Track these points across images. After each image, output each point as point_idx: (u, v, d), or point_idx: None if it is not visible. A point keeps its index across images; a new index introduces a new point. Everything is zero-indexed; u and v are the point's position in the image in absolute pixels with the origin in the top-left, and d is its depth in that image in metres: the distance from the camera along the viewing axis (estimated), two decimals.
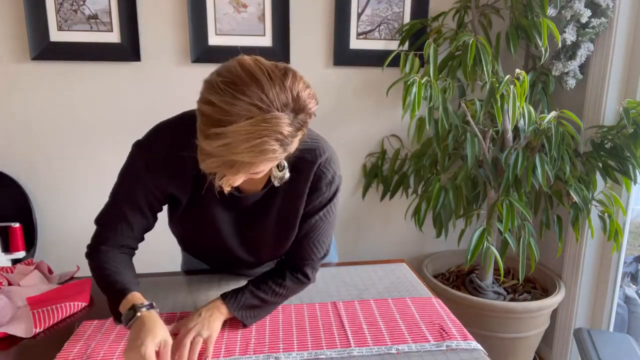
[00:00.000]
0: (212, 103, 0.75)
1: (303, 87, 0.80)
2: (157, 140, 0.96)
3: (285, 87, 0.77)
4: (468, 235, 1.79)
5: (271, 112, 0.75)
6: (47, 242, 1.99)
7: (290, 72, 0.80)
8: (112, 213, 1.01)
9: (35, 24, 1.79)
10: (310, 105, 0.82)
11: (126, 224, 0.99)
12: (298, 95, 0.79)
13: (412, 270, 1.29)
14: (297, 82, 0.79)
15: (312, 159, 0.99)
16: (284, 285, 1.03)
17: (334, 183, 1.03)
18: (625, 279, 2.14)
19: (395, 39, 2.03)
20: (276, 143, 0.76)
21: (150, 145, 0.97)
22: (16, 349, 0.93)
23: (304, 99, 0.80)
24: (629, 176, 1.68)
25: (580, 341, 1.32)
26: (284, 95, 0.77)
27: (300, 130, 0.82)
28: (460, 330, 0.99)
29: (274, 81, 0.76)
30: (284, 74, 0.79)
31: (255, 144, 0.75)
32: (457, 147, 1.88)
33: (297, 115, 0.79)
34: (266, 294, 1.01)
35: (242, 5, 1.90)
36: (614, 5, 1.73)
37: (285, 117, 0.77)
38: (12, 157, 1.92)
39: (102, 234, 1.01)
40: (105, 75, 1.91)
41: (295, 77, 0.80)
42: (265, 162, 0.80)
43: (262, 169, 0.83)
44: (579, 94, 1.92)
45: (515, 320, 1.84)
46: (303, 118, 0.81)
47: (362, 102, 2.08)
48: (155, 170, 0.95)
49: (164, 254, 2.10)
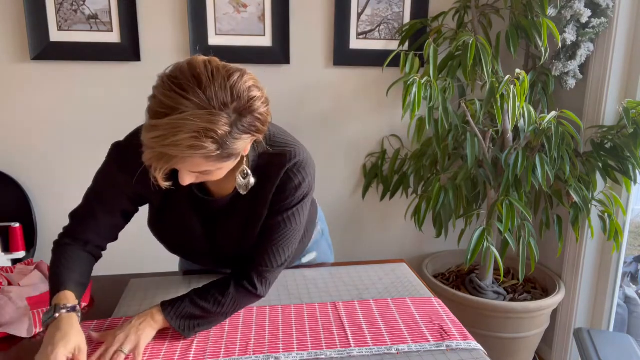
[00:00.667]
0: (154, 96, 0.78)
1: (250, 88, 0.79)
2: (132, 142, 0.94)
3: (226, 87, 0.76)
4: (468, 235, 1.79)
5: (207, 109, 0.74)
6: (47, 242, 1.98)
7: (237, 73, 0.79)
8: (83, 209, 1.03)
9: (35, 24, 1.79)
10: (257, 106, 0.80)
11: (94, 221, 1.01)
12: (240, 96, 0.77)
13: (412, 270, 1.29)
14: (243, 83, 0.78)
15: (280, 163, 0.96)
16: (227, 294, 0.95)
17: (301, 188, 0.97)
18: (625, 279, 2.14)
19: (395, 39, 2.03)
20: (208, 140, 0.75)
21: (125, 146, 0.97)
22: (16, 349, 0.93)
23: (248, 100, 0.78)
24: (629, 176, 1.68)
25: (580, 341, 1.32)
26: (223, 94, 0.76)
27: (249, 133, 0.80)
28: (460, 330, 0.99)
29: (215, 80, 0.76)
30: (229, 74, 0.78)
31: (184, 138, 0.74)
32: (457, 147, 1.88)
33: (241, 117, 0.78)
34: (208, 302, 0.94)
35: (242, 5, 1.90)
36: (614, 5, 1.73)
37: (223, 116, 0.75)
38: (12, 157, 1.92)
39: (70, 228, 1.03)
40: (105, 75, 1.91)
41: (243, 78, 0.79)
42: (200, 158, 0.78)
43: (201, 166, 0.81)
44: (579, 94, 1.92)
45: (515, 320, 1.84)
46: (250, 121, 0.80)
47: (362, 102, 2.08)
48: (127, 171, 0.95)
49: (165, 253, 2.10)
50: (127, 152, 0.96)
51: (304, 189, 0.98)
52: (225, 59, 0.81)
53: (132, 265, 2.04)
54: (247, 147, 0.86)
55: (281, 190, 0.97)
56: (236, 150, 0.81)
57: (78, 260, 0.99)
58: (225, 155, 0.79)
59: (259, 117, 0.81)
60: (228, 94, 0.76)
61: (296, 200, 0.98)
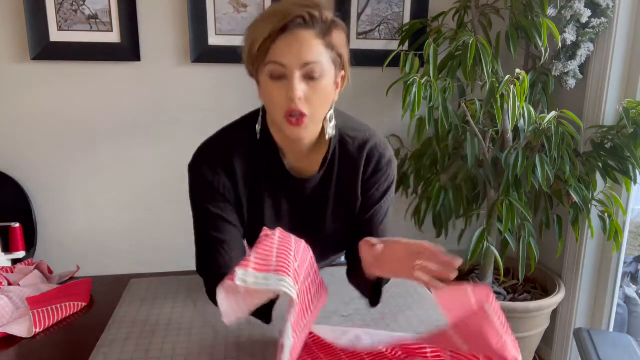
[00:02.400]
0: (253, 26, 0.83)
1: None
2: (203, 153, 0.94)
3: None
4: (468, 235, 1.79)
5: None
6: (47, 242, 1.99)
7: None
8: (205, 250, 0.93)
9: (35, 24, 1.79)
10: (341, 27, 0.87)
11: (222, 246, 0.91)
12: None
13: None
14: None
15: (365, 138, 0.97)
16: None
17: (393, 163, 0.98)
18: (625, 279, 2.14)
19: (395, 39, 2.03)
20: (304, 8, 0.80)
21: (198, 160, 0.94)
22: (16, 349, 0.93)
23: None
24: (629, 176, 1.68)
25: (580, 341, 1.32)
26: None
27: (343, 35, 0.87)
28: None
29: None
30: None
31: (282, 5, 0.79)
32: (457, 147, 1.88)
33: (336, 19, 0.85)
34: None
35: (242, 5, 1.90)
36: (614, 5, 1.73)
37: (318, 6, 0.82)
38: (12, 157, 1.92)
39: (210, 277, 0.91)
40: (105, 75, 1.91)
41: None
42: (309, 32, 0.81)
43: (310, 48, 0.81)
44: (579, 94, 1.92)
45: (515, 320, 1.84)
46: (343, 26, 0.88)
47: (362, 102, 2.07)
48: (214, 178, 0.92)
49: (165, 253, 2.11)
50: (202, 162, 0.93)
51: (394, 164, 0.99)
52: (225, 59, 0.82)
53: (132, 265, 2.05)
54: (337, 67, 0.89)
55: (375, 168, 0.96)
56: (334, 41, 0.84)
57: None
58: (327, 39, 0.83)
59: (345, 41, 0.89)
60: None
61: (392, 176, 0.99)
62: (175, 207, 1.88)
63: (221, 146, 0.94)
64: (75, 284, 1.15)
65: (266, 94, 0.85)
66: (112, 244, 2.03)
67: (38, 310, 1.01)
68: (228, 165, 0.93)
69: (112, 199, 2.01)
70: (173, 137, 1.99)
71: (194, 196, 0.95)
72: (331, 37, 0.83)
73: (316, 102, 0.84)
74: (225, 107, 2.03)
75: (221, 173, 0.92)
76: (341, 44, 0.86)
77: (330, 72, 0.85)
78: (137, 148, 1.99)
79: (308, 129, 0.86)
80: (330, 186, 0.98)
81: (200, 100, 1.97)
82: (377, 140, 0.98)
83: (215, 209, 0.92)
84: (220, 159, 0.93)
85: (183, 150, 1.96)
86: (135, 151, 1.99)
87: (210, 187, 0.92)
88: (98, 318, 1.02)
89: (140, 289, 1.16)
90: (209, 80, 1.96)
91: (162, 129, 1.98)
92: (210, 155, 0.94)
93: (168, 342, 0.94)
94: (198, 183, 0.94)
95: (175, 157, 2.01)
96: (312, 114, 0.84)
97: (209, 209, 0.92)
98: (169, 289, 1.16)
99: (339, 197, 0.99)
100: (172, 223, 2.02)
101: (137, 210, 2.03)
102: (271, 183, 0.96)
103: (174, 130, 1.99)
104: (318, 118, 0.87)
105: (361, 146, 0.96)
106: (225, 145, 0.94)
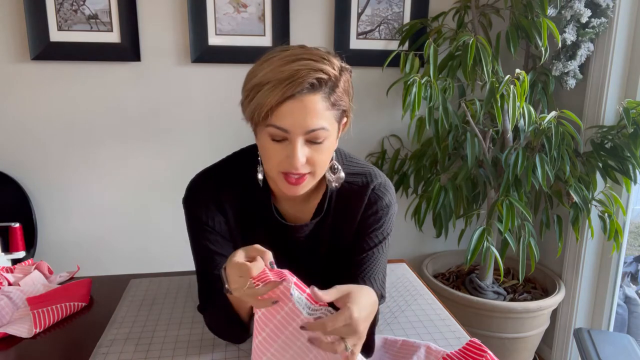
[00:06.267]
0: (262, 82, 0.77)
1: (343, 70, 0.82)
2: (195, 191, 0.92)
3: (325, 55, 0.80)
4: (468, 235, 1.79)
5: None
6: (47, 242, 1.99)
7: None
8: (205, 287, 0.93)
9: (35, 24, 1.79)
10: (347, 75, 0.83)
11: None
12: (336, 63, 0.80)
13: (412, 271, 1.29)
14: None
15: (363, 183, 0.92)
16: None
17: (392, 208, 0.93)
18: (625, 279, 2.14)
19: (395, 39, 2.03)
20: (313, 73, 0.74)
21: (190, 197, 0.93)
22: (16, 349, 0.93)
23: (341, 65, 0.81)
24: (629, 176, 1.68)
25: (580, 341, 1.32)
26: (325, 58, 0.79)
27: (347, 94, 0.83)
28: None
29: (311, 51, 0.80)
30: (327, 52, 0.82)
31: (290, 67, 0.74)
32: (457, 147, 1.88)
33: (342, 72, 0.81)
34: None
35: (242, 5, 1.90)
36: (614, 5, 1.73)
37: (334, 61, 0.79)
38: (12, 157, 1.92)
39: (212, 314, 0.93)
40: (105, 75, 1.91)
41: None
42: (315, 96, 0.76)
43: (315, 109, 0.76)
44: (579, 94, 1.92)
45: (515, 320, 1.84)
46: (348, 78, 0.83)
47: (362, 102, 2.07)
48: (207, 217, 0.91)
49: (165, 253, 2.11)
50: (199, 198, 0.91)
51: (393, 209, 0.94)
52: (225, 59, 0.81)
53: (132, 265, 2.05)
54: (341, 123, 0.86)
55: (372, 211, 0.92)
56: (339, 94, 0.80)
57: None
58: (333, 97, 0.78)
59: (350, 84, 0.84)
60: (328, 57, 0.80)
61: (388, 221, 0.93)
62: (176, 207, 1.88)
63: (212, 188, 0.91)
64: (75, 284, 1.15)
65: (264, 150, 0.80)
66: (112, 244, 2.03)
67: (38, 311, 1.01)
68: (220, 206, 0.90)
69: (112, 199, 2.01)
70: (173, 137, 1.99)
71: (191, 233, 0.94)
72: (336, 93, 0.79)
73: (318, 161, 0.81)
74: (225, 107, 2.03)
75: (214, 210, 0.91)
76: (346, 91, 0.82)
77: (333, 132, 0.82)
78: (137, 148, 1.99)
79: (307, 186, 0.84)
80: (326, 231, 0.95)
81: (200, 100, 1.97)
82: (377, 183, 0.93)
83: (212, 246, 0.91)
84: (212, 199, 0.90)
85: (183, 150, 1.96)
86: (135, 151, 1.99)
87: (204, 226, 0.91)
88: (98, 318, 1.02)
89: (140, 289, 1.16)
90: (209, 80, 1.96)
91: (162, 129, 1.98)
92: (202, 194, 0.91)
93: (168, 342, 0.95)
94: (193, 222, 0.93)
95: (175, 157, 2.01)
96: (314, 172, 0.82)
97: (207, 246, 0.91)
98: (169, 289, 1.16)
99: (334, 241, 0.95)
100: (172, 223, 2.02)
101: (137, 210, 2.03)
102: (264, 226, 0.93)
103: (174, 130, 1.99)
104: (319, 174, 0.84)
105: (360, 192, 0.92)
106: (218, 185, 0.91)
